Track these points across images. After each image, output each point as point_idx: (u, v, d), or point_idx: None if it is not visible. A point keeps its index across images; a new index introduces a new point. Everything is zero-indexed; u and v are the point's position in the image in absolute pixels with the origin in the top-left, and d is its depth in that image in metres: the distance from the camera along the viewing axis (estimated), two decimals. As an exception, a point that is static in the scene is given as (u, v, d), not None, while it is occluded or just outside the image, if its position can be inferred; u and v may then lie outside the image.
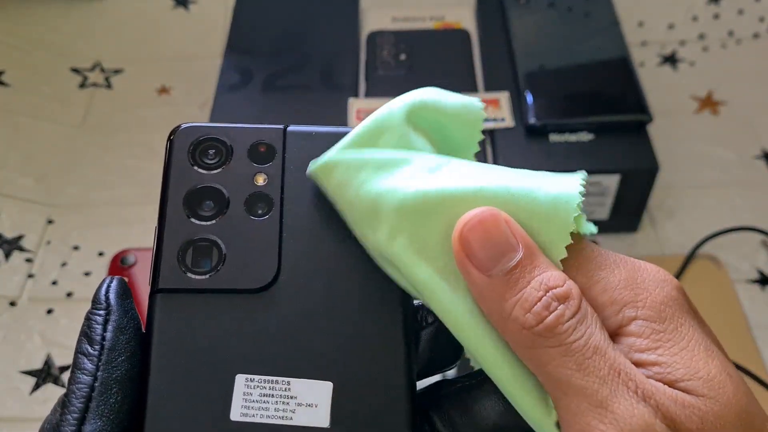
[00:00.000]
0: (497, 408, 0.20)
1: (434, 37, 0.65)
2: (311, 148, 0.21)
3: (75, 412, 0.18)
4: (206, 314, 0.19)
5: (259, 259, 0.20)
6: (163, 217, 0.20)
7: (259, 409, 0.18)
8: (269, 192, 0.21)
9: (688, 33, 0.73)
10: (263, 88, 0.60)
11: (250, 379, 0.19)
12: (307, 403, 0.19)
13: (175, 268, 0.20)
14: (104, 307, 0.20)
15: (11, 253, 0.58)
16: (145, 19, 0.76)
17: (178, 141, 0.22)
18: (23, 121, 0.67)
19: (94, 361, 0.19)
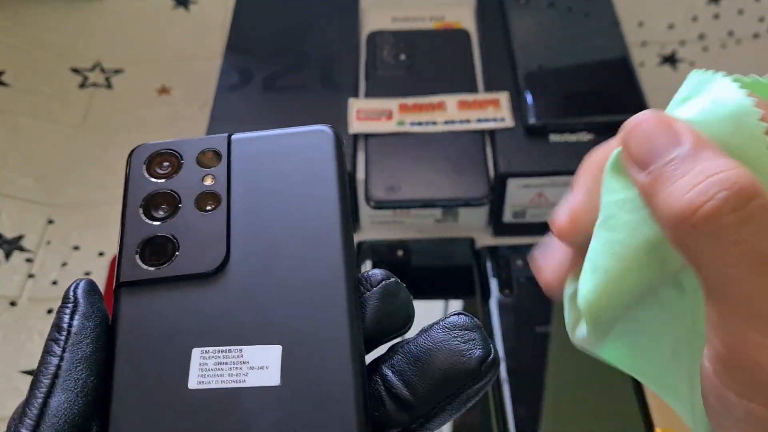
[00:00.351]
0: (443, 353, 0.20)
1: (434, 37, 0.65)
2: (254, 149, 0.24)
3: (42, 387, 0.20)
4: (164, 300, 0.21)
5: (209, 247, 0.22)
6: (124, 223, 0.23)
7: (215, 376, 0.20)
8: (216, 190, 0.23)
9: (688, 33, 0.74)
10: (263, 88, 0.60)
11: (205, 351, 0.21)
12: (258, 366, 0.20)
13: (134, 263, 0.22)
14: (72, 301, 0.22)
15: (11, 253, 0.58)
16: (145, 19, 0.76)
17: (135, 157, 0.24)
18: (23, 121, 0.67)
19: (61, 344, 0.21)
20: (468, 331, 0.21)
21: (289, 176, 0.23)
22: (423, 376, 0.20)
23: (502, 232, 0.58)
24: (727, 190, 0.15)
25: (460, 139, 0.56)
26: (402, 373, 0.21)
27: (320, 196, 0.23)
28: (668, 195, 0.16)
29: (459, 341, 0.21)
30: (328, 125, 0.25)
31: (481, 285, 0.54)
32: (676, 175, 0.16)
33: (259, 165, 0.24)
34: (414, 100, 0.58)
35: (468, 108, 0.57)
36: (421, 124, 0.57)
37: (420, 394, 0.20)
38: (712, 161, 0.16)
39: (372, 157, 0.55)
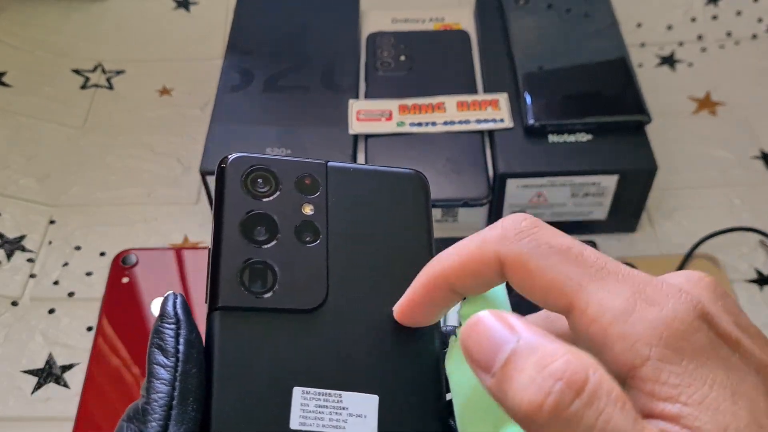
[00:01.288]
0: None
1: (434, 39, 0.66)
2: (349, 182, 0.24)
3: (159, 419, 0.19)
4: (264, 331, 0.21)
5: (309, 282, 0.22)
6: (220, 240, 0.22)
7: (315, 418, 0.20)
8: (316, 221, 0.23)
9: (686, 34, 0.74)
10: (264, 88, 0.60)
11: (306, 391, 0.20)
12: (357, 413, 0.21)
13: (234, 287, 0.21)
14: (174, 321, 0.21)
15: (13, 253, 0.58)
16: (146, 20, 0.77)
17: (231, 169, 0.23)
18: (25, 122, 0.68)
19: (171, 372, 0.20)
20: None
21: (383, 216, 0.23)
22: None
23: (502, 232, 0.58)
24: (560, 379, 0.16)
25: (459, 139, 0.56)
26: None
27: (413, 242, 0.23)
28: (513, 396, 0.17)
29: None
30: (417, 171, 0.25)
31: (481, 285, 0.55)
32: (517, 371, 0.17)
33: (355, 200, 0.23)
34: (414, 100, 0.58)
35: (467, 109, 0.58)
36: (420, 124, 0.57)
37: None
38: (544, 348, 0.17)
39: (372, 157, 0.56)
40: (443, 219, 0.58)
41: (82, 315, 0.54)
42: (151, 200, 0.62)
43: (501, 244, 0.19)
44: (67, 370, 0.52)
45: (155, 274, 0.56)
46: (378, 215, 0.23)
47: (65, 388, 0.51)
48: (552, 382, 0.16)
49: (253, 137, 0.57)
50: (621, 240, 0.59)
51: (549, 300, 0.19)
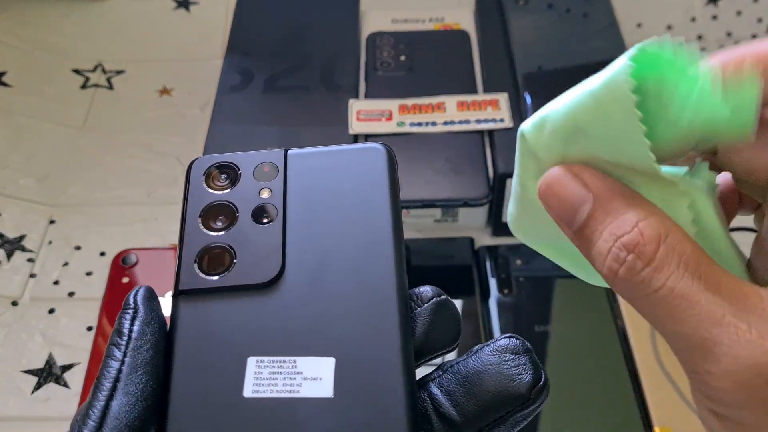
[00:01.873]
0: (493, 377, 0.21)
1: (434, 39, 0.66)
2: (309, 164, 0.25)
3: (104, 390, 0.20)
4: (221, 309, 0.22)
5: (265, 259, 0.23)
6: (183, 232, 0.24)
7: (269, 385, 0.21)
8: (273, 203, 0.24)
9: (686, 34, 0.74)
10: (264, 89, 0.61)
11: (261, 360, 0.21)
12: (312, 377, 0.21)
13: (192, 272, 0.23)
14: (132, 307, 0.22)
15: (13, 253, 0.58)
16: (146, 20, 0.77)
17: (195, 169, 0.25)
18: (25, 122, 0.68)
19: (122, 349, 0.21)
20: (518, 355, 0.21)
21: (344, 192, 0.24)
22: (472, 397, 0.21)
23: (502, 231, 0.58)
24: (633, 252, 0.18)
25: (459, 139, 0.56)
26: (450, 393, 0.21)
27: (373, 213, 0.23)
28: (593, 259, 0.19)
29: (509, 365, 0.21)
30: (382, 143, 0.25)
31: (481, 284, 0.55)
32: (595, 234, 0.19)
33: (315, 180, 0.24)
34: (414, 100, 0.58)
35: (467, 109, 0.58)
36: (420, 124, 0.57)
37: (467, 415, 0.21)
38: (619, 218, 0.18)
39: (372, 157, 0.56)
40: (443, 219, 0.58)
41: (82, 315, 0.54)
42: (151, 200, 0.62)
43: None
44: (67, 370, 0.52)
45: (155, 273, 0.56)
46: (337, 192, 0.24)
47: (65, 388, 0.51)
48: (625, 254, 0.18)
49: (252, 137, 0.57)
50: (621, 240, 0.59)
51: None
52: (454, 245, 0.57)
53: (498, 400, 0.20)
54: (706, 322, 0.17)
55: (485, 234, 0.59)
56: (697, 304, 0.17)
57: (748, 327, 0.17)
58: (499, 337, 0.22)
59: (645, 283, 0.18)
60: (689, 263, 0.18)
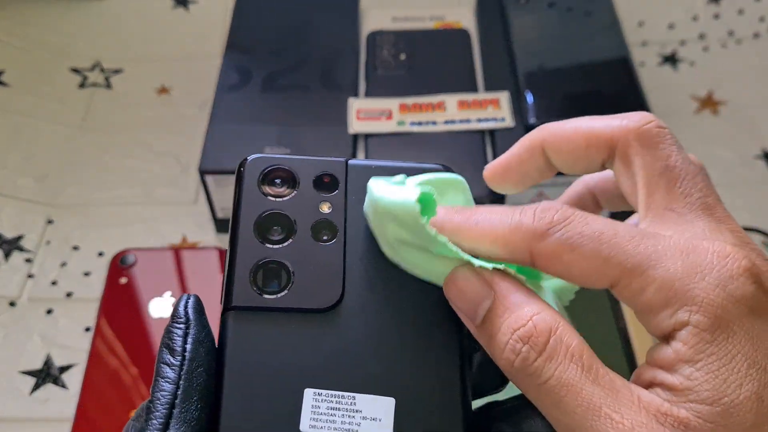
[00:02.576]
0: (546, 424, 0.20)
1: (434, 37, 0.65)
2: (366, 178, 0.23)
3: (159, 417, 0.19)
4: (276, 331, 0.21)
5: (324, 282, 0.22)
6: (235, 240, 0.22)
7: (327, 421, 0.20)
8: (333, 219, 0.22)
9: (688, 33, 0.73)
10: (263, 87, 0.60)
11: (318, 393, 0.20)
12: (371, 417, 0.20)
13: (247, 287, 0.21)
14: (184, 321, 0.21)
15: (11, 253, 0.58)
16: (144, 19, 0.76)
17: (249, 170, 0.23)
18: (23, 121, 0.67)
19: (176, 371, 0.20)
20: None
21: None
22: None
23: (503, 232, 0.58)
24: (527, 343, 0.19)
25: (460, 138, 0.56)
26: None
27: None
28: (493, 352, 0.20)
29: None
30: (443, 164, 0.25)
31: (482, 285, 0.54)
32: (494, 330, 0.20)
33: None
34: (414, 99, 0.58)
35: (468, 108, 0.57)
36: (421, 123, 0.57)
37: None
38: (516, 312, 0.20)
39: (372, 156, 0.55)
40: (444, 219, 0.58)
41: (80, 315, 0.54)
42: (150, 200, 0.62)
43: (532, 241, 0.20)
44: (66, 370, 0.52)
45: (154, 274, 0.55)
46: None
47: (63, 388, 0.51)
48: (520, 345, 0.19)
49: (252, 136, 0.56)
50: (622, 240, 0.58)
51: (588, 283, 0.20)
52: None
53: None
54: (588, 413, 0.18)
55: (486, 234, 0.59)
56: (580, 394, 0.18)
57: (620, 418, 0.18)
58: None
59: (537, 372, 0.19)
60: (575, 354, 0.19)
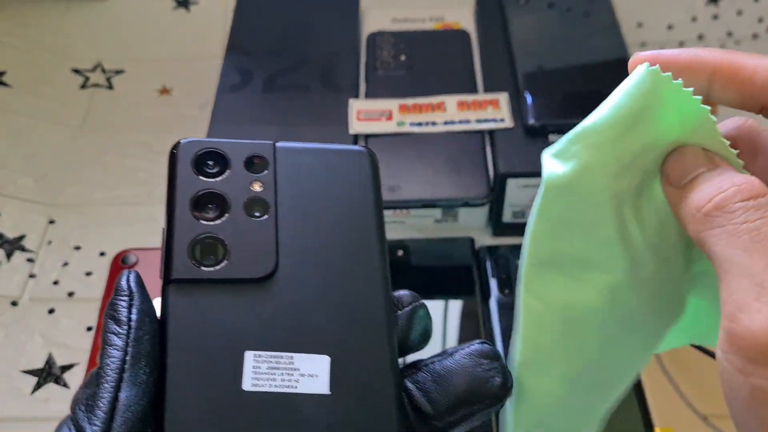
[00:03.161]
0: (468, 377, 0.22)
1: (434, 38, 0.65)
2: (298, 160, 0.25)
3: (111, 381, 0.20)
4: (215, 300, 0.22)
5: (259, 253, 0.23)
6: (172, 218, 0.23)
7: (267, 379, 0.21)
8: (265, 197, 0.24)
9: (687, 33, 0.74)
10: (263, 88, 0.60)
11: (258, 354, 0.21)
12: (308, 374, 0.21)
13: (185, 261, 0.22)
14: (128, 293, 0.22)
15: (12, 253, 0.58)
16: (145, 20, 0.77)
17: (182, 152, 0.25)
18: (24, 122, 0.68)
19: (124, 338, 0.21)
20: (491, 360, 0.23)
21: (331, 191, 0.24)
22: (445, 394, 0.22)
23: (502, 232, 0.58)
24: (737, 187, 0.19)
25: (459, 139, 0.56)
26: (426, 390, 0.23)
27: (359, 215, 0.24)
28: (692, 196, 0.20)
29: (483, 368, 0.23)
30: (366, 147, 0.26)
31: (481, 284, 0.55)
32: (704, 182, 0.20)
33: (303, 176, 0.24)
34: (414, 100, 0.58)
35: (468, 108, 0.58)
36: (421, 124, 0.57)
37: (440, 410, 0.22)
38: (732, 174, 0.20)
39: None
40: (443, 219, 0.58)
41: (81, 315, 0.54)
42: (151, 200, 0.62)
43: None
44: (67, 370, 0.52)
45: (155, 273, 0.55)
46: (325, 190, 0.24)
47: (65, 388, 0.51)
48: (729, 185, 0.19)
49: (252, 137, 0.56)
50: (621, 240, 0.58)
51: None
52: (454, 245, 0.57)
53: (470, 398, 0.23)
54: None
55: (485, 234, 0.59)
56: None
57: None
58: (472, 342, 0.24)
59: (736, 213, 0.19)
60: None
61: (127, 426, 0.20)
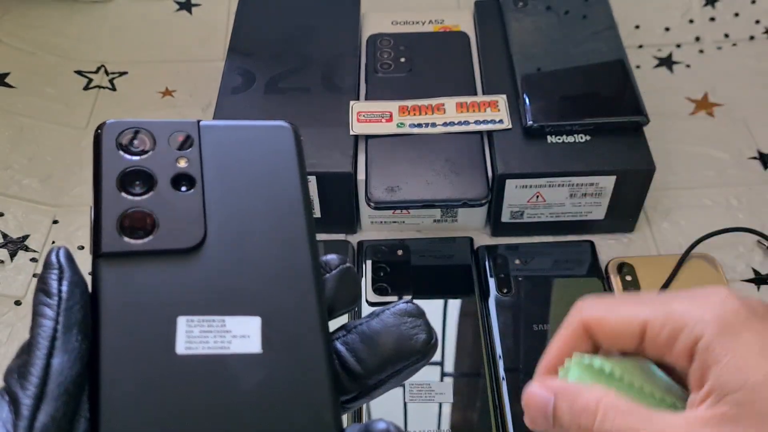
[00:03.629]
0: (394, 336, 0.24)
1: (434, 40, 0.66)
2: (221, 137, 0.26)
3: (43, 348, 0.21)
4: (146, 272, 0.23)
5: (188, 224, 0.24)
6: (99, 196, 0.24)
7: (201, 342, 0.22)
8: (191, 172, 0.25)
9: (684, 36, 0.74)
10: (265, 90, 0.61)
11: (190, 319, 0.22)
12: (240, 334, 0.22)
13: (114, 235, 0.23)
14: (57, 267, 0.22)
15: (16, 253, 0.59)
16: (148, 22, 0.77)
17: (107, 132, 0.25)
18: (28, 123, 0.68)
19: (54, 309, 0.22)
20: (414, 317, 0.25)
21: (256, 165, 0.25)
22: (374, 353, 0.24)
23: (501, 231, 0.59)
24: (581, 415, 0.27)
25: (459, 140, 0.57)
26: (354, 349, 0.24)
27: (284, 184, 0.25)
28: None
29: (407, 326, 0.24)
30: (288, 122, 0.27)
31: (480, 284, 0.55)
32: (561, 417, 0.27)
33: (228, 151, 0.25)
34: (414, 102, 0.59)
35: (467, 110, 0.58)
36: (420, 125, 0.57)
37: (369, 369, 0.24)
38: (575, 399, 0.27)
39: (372, 158, 0.56)
40: (443, 219, 0.59)
41: (85, 314, 0.55)
42: (154, 200, 0.62)
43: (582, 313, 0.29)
44: (71, 368, 0.52)
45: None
46: (250, 163, 0.25)
47: (69, 386, 0.51)
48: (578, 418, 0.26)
49: (254, 138, 0.57)
50: (619, 240, 0.59)
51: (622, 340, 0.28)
52: (453, 245, 0.58)
53: (397, 356, 0.24)
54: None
55: (484, 234, 0.60)
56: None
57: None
58: (397, 302, 0.25)
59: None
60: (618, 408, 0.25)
61: (60, 390, 0.20)
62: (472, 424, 0.47)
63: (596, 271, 0.56)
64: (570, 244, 0.58)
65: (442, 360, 0.50)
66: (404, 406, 0.48)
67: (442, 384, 0.49)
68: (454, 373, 0.50)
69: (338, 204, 0.57)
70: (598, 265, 0.56)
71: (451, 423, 0.47)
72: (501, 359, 0.50)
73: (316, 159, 0.55)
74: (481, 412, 0.48)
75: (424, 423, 0.47)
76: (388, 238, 0.59)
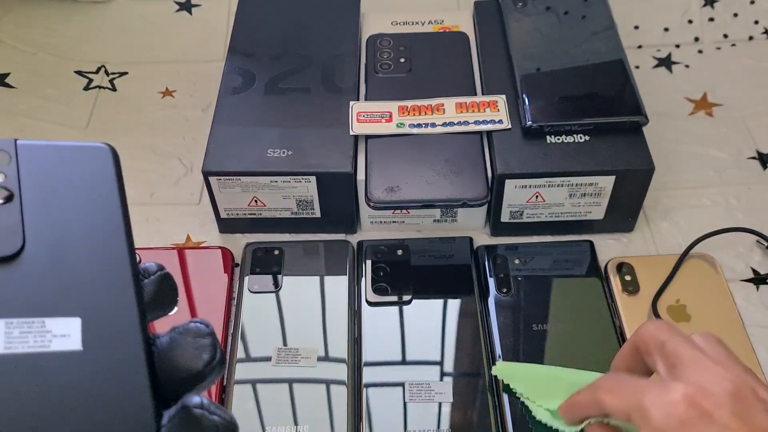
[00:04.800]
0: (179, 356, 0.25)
1: (433, 40, 0.66)
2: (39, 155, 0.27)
3: None
4: None
5: (5, 234, 0.25)
6: None
7: (21, 342, 0.23)
8: (9, 186, 0.26)
9: (683, 36, 0.74)
10: (265, 90, 0.61)
11: (10, 321, 0.24)
12: (61, 334, 0.24)
13: None
14: None
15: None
16: (148, 22, 0.77)
17: None
18: (28, 123, 0.68)
19: None
20: (201, 337, 0.26)
21: (74, 181, 0.27)
22: (163, 370, 0.25)
23: (500, 231, 0.59)
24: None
25: (458, 140, 0.57)
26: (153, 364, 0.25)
27: (103, 200, 0.27)
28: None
29: (192, 346, 0.26)
30: (105, 143, 0.28)
31: (479, 284, 0.55)
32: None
33: (46, 168, 0.27)
34: (413, 102, 0.59)
35: (466, 110, 0.58)
36: (420, 126, 0.58)
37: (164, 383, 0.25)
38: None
39: (372, 158, 0.56)
40: (442, 219, 0.59)
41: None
42: (154, 201, 0.63)
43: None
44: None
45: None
46: (68, 180, 0.27)
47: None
48: None
49: (254, 138, 0.57)
50: (618, 240, 0.59)
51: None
52: (453, 245, 0.58)
53: (183, 375, 0.25)
54: None
55: (484, 234, 0.60)
56: None
57: None
58: (188, 321, 0.26)
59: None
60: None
61: None
62: (471, 424, 0.48)
63: (595, 271, 0.56)
64: (569, 244, 0.58)
65: (442, 360, 0.51)
66: (404, 406, 0.48)
67: (442, 384, 0.49)
68: (453, 372, 0.50)
69: (338, 204, 0.58)
70: (598, 264, 0.57)
71: (451, 423, 0.47)
72: (500, 359, 0.50)
73: (316, 159, 0.55)
74: (481, 411, 0.48)
75: (424, 423, 0.47)
76: (387, 238, 0.59)
